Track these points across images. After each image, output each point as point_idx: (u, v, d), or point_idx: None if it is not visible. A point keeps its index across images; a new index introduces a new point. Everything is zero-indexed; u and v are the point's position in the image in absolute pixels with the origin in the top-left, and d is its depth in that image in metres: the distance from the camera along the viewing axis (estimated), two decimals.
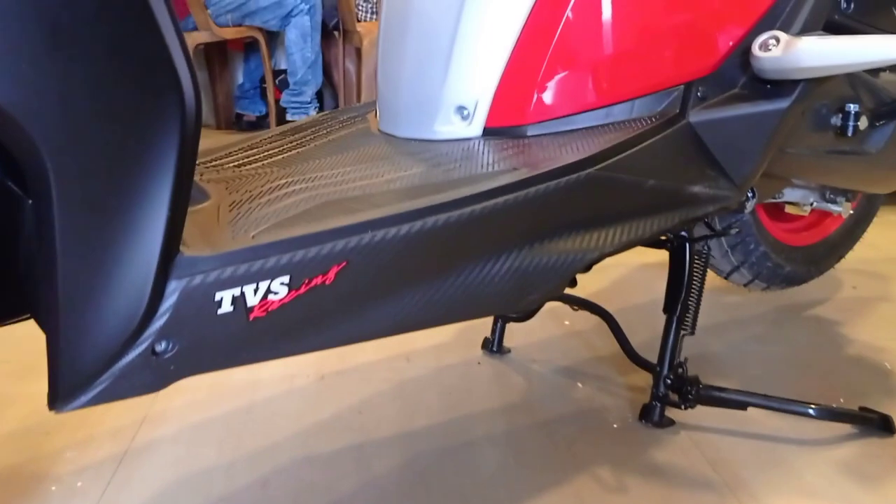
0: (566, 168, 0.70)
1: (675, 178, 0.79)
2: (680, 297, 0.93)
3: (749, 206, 0.88)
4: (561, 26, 0.78)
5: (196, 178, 0.81)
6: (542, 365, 1.14)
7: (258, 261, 0.59)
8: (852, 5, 0.92)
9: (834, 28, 0.90)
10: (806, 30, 0.85)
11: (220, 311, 0.58)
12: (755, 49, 0.80)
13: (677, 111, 0.81)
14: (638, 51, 0.80)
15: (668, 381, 0.94)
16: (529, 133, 0.81)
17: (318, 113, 3.45)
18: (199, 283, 0.57)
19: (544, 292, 0.72)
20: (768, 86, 0.82)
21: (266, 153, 0.88)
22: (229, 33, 3.33)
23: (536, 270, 0.70)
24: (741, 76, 0.84)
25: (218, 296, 0.58)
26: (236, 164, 0.85)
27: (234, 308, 0.58)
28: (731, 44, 0.82)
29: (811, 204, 1.16)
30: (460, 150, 0.80)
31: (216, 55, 3.71)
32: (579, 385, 1.08)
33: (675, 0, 0.79)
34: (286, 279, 0.60)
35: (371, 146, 0.86)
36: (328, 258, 0.61)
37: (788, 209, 1.19)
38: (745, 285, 1.29)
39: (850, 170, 1.00)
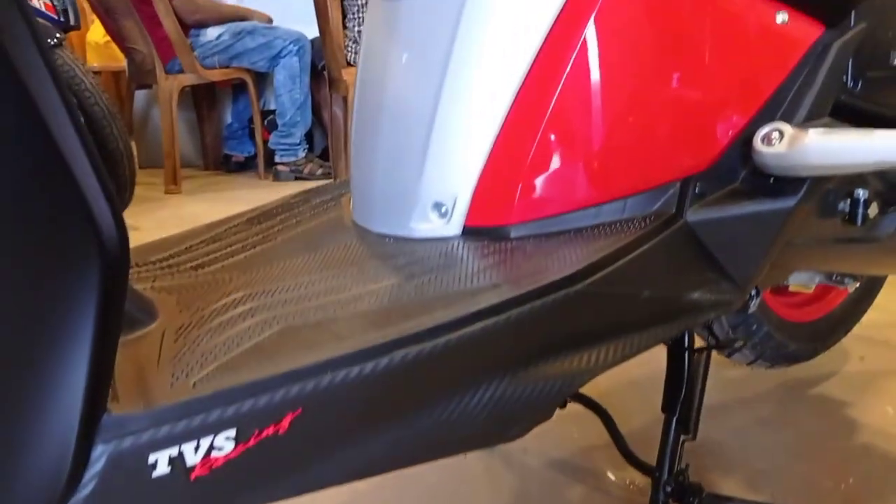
0: (553, 285, 0.63)
1: (673, 285, 0.72)
2: (680, 398, 0.86)
3: (753, 304, 0.81)
4: (546, 119, 0.72)
5: (149, 284, 0.74)
6: (535, 457, 1.07)
7: (199, 415, 0.51)
8: (860, 84, 0.86)
9: (842, 109, 0.84)
10: (812, 117, 0.78)
11: (154, 475, 0.50)
12: (757, 143, 0.74)
13: (673, 210, 0.74)
14: (630, 145, 0.73)
15: (668, 490, 0.87)
16: (513, 235, 0.74)
17: (306, 155, 3.40)
18: (129, 445, 0.49)
19: (529, 424, 0.64)
20: (771, 180, 0.76)
21: (228, 251, 0.81)
22: (216, 75, 3.28)
23: (519, 401, 0.63)
24: (742, 169, 0.77)
25: (152, 458, 0.50)
26: (194, 264, 0.78)
27: (171, 469, 0.51)
28: (730, 135, 0.75)
29: (816, 282, 1.09)
30: (437, 253, 0.73)
31: (204, 95, 3.66)
32: (575, 483, 1.01)
33: (670, 90, 0.72)
34: (232, 433, 0.52)
35: (341, 245, 0.79)
36: (281, 406, 0.54)
37: (791, 286, 1.12)
38: (748, 364, 1.21)
39: (859, 257, 0.93)
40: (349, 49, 3.24)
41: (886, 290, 1.35)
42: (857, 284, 1.15)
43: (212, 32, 3.23)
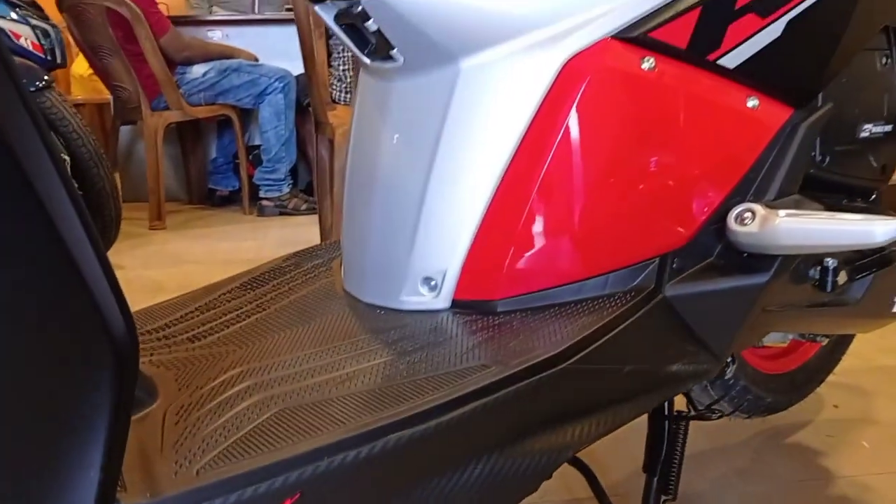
0: (539, 365, 0.66)
1: (654, 359, 0.75)
2: (660, 459, 0.89)
3: (729, 371, 0.85)
4: (531, 198, 0.75)
5: (147, 358, 0.76)
6: None
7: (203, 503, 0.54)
8: (827, 158, 0.90)
9: (812, 182, 0.88)
10: (783, 194, 0.82)
11: None
12: (731, 222, 0.77)
13: (653, 286, 0.77)
14: (611, 223, 0.77)
15: None
16: (499, 309, 0.77)
17: (290, 190, 3.42)
18: None
19: (517, 497, 0.67)
20: (745, 255, 0.80)
21: (223, 320, 0.84)
22: (202, 112, 3.31)
23: (508, 476, 0.65)
24: (717, 244, 0.81)
25: None
26: (190, 335, 0.81)
27: None
28: (706, 213, 0.79)
29: (789, 339, 1.13)
30: (427, 328, 0.76)
31: (189, 130, 3.68)
32: None
33: (649, 171, 0.76)
34: None
35: (334, 316, 0.81)
36: (281, 491, 0.56)
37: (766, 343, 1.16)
38: (726, 416, 1.24)
39: (830, 320, 0.97)
40: (334, 87, 3.28)
41: (860, 336, 1.39)
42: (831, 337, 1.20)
43: (198, 70, 3.26)
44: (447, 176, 0.77)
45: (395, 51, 0.77)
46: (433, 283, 0.79)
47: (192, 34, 3.47)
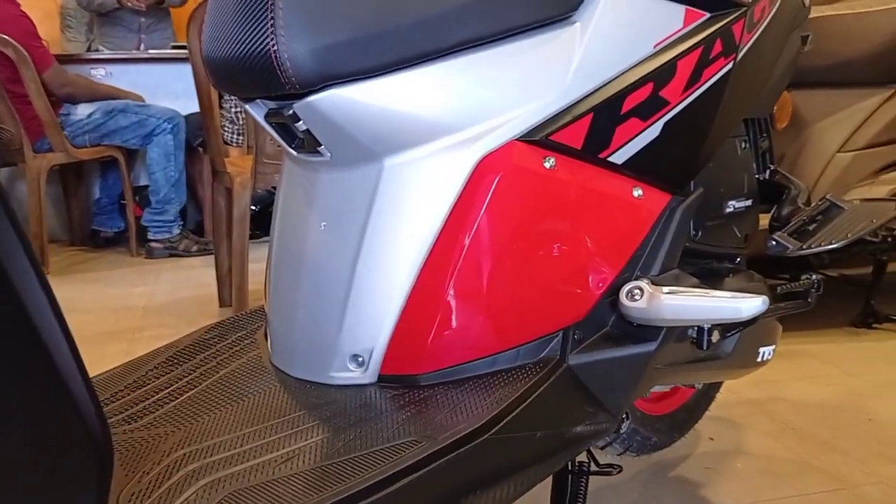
0: (465, 438, 0.74)
1: (561, 423, 0.84)
2: None
3: (624, 426, 0.96)
4: (450, 282, 0.83)
5: None
6: None
7: None
8: (700, 232, 1.04)
9: (687, 253, 1.01)
10: (665, 268, 0.94)
11: None
12: (623, 298, 0.89)
13: (558, 356, 0.87)
14: (519, 302, 0.86)
15: None
16: (423, 382, 0.85)
17: (181, 231, 3.38)
18: None
19: None
20: (635, 325, 0.91)
21: (155, 400, 0.87)
22: (87, 154, 3.24)
23: None
24: (611, 315, 0.92)
25: None
26: (125, 417, 0.84)
27: None
28: (601, 289, 0.90)
29: (671, 386, 1.26)
30: (358, 403, 0.82)
31: (71, 169, 3.58)
32: None
33: (551, 256, 0.86)
34: None
35: (266, 392, 0.86)
36: None
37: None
38: (618, 455, 1.37)
39: (706, 371, 1.11)
40: (226, 129, 3.29)
41: None
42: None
43: (82, 111, 3.19)
44: (373, 263, 0.84)
45: (322, 147, 0.84)
46: (361, 359, 0.86)
47: (74, 72, 3.39)
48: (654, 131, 0.90)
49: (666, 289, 0.88)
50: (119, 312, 2.56)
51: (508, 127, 0.83)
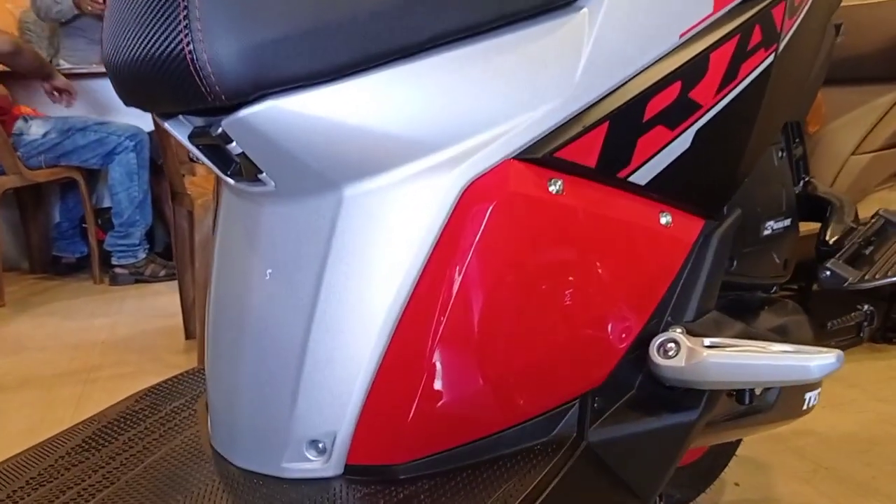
0: None
1: None
2: None
3: None
4: (433, 345, 0.64)
5: None
6: None
7: None
8: (735, 262, 0.85)
9: (723, 287, 0.83)
10: (701, 312, 0.76)
11: None
12: (654, 354, 0.70)
13: (574, 433, 0.68)
14: (526, 366, 0.67)
15: None
16: (402, 475, 0.66)
17: (147, 255, 3.17)
18: None
19: None
20: (667, 387, 0.72)
21: (62, 502, 0.68)
22: (42, 175, 3.03)
23: None
24: (637, 375, 0.73)
25: None
26: None
27: None
28: (625, 343, 0.71)
29: None
30: (318, 501, 0.63)
31: (29, 192, 3.36)
32: None
33: (563, 304, 0.67)
34: None
35: (202, 492, 0.67)
36: None
37: None
38: None
39: (745, 428, 0.92)
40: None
41: None
42: None
43: (36, 130, 2.98)
44: (332, 321, 0.65)
45: (263, 175, 0.65)
46: (321, 446, 0.67)
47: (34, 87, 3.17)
48: (683, 142, 0.72)
49: (707, 341, 0.69)
50: (76, 349, 2.35)
51: (502, 142, 0.65)
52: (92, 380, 2.07)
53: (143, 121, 3.19)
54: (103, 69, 3.09)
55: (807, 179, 1.06)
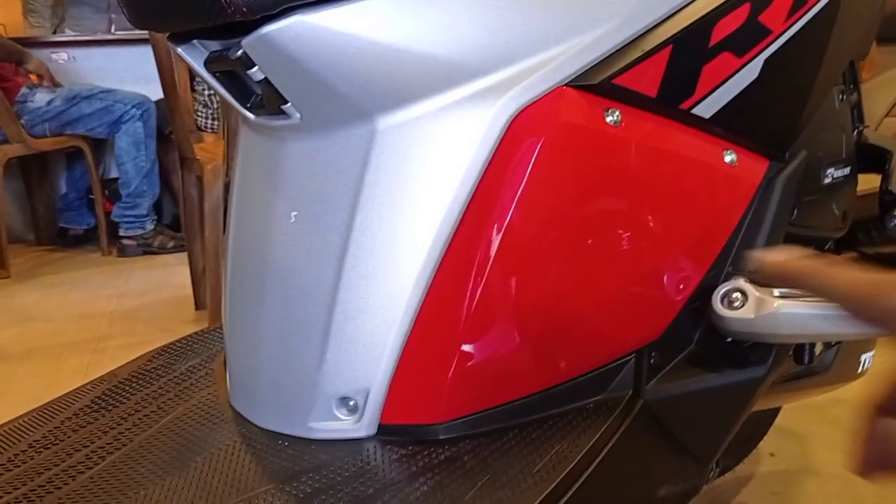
0: None
1: (639, 486, 0.60)
2: None
3: (712, 477, 0.71)
4: (476, 293, 0.58)
5: None
6: None
7: None
8: (795, 212, 0.79)
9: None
10: None
11: None
12: (717, 304, 0.63)
13: (630, 391, 0.62)
14: (578, 317, 0.61)
15: None
16: (442, 435, 0.60)
17: (155, 226, 3.11)
18: None
19: None
20: (730, 342, 0.66)
21: (67, 465, 0.62)
22: (47, 144, 2.96)
23: None
24: (696, 329, 0.67)
25: None
26: (21, 495, 0.59)
27: None
28: (684, 293, 0.65)
29: None
30: (350, 468, 0.57)
31: (34, 163, 3.30)
32: None
33: (620, 249, 0.61)
34: None
35: (221, 455, 0.61)
36: None
37: None
38: None
39: (799, 391, 0.86)
40: (199, 114, 3.01)
41: None
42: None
43: (41, 98, 2.91)
44: (364, 267, 0.59)
45: (288, 105, 0.58)
46: (352, 403, 0.61)
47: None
48: (751, 71, 0.65)
49: (777, 291, 0.63)
50: (84, 319, 2.29)
51: (555, 67, 0.58)
52: (100, 349, 2.02)
53: (150, 89, 3.12)
54: (108, 37, 3.00)
55: (861, 128, 0.99)
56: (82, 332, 2.18)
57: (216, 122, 3.02)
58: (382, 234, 0.59)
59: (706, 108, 0.63)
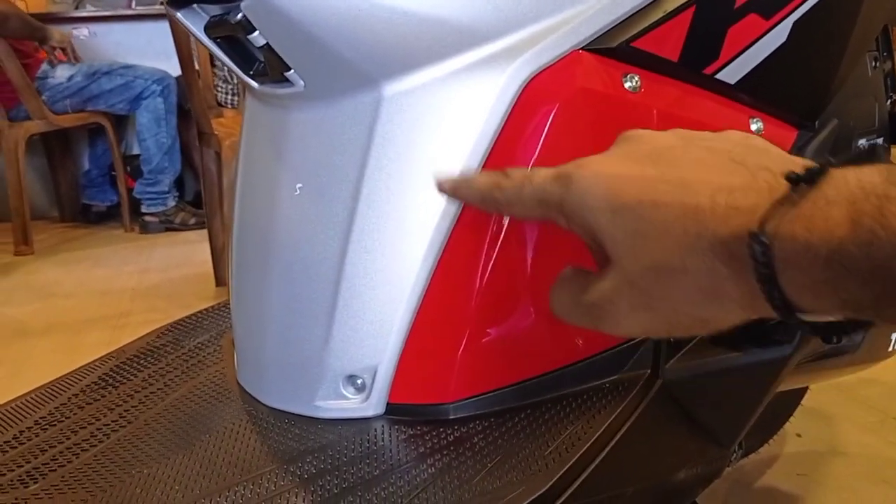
0: None
1: (658, 470, 0.57)
2: None
3: (735, 459, 0.69)
4: (488, 267, 0.56)
5: None
6: None
7: None
8: None
9: None
10: None
11: None
12: None
13: (649, 370, 0.59)
14: None
15: None
16: (452, 415, 0.58)
17: (176, 203, 3.11)
18: None
19: None
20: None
21: (71, 442, 0.61)
22: (69, 121, 2.96)
23: None
24: None
25: None
26: (23, 473, 0.58)
27: None
28: None
29: None
30: (357, 448, 0.55)
31: (56, 140, 3.32)
32: None
33: None
34: None
35: (227, 433, 0.60)
36: None
37: None
38: None
39: (826, 371, 0.83)
40: (219, 89, 3.00)
41: None
42: None
43: (62, 74, 2.91)
44: (372, 240, 0.57)
45: (291, 72, 0.56)
46: (360, 382, 0.59)
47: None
48: (779, 35, 0.61)
49: None
50: (106, 295, 2.31)
51: (570, 30, 0.55)
52: (121, 325, 2.03)
53: (171, 64, 3.11)
54: (128, 13, 2.98)
55: (895, 97, 0.94)
56: (104, 308, 2.19)
57: (236, 98, 3.01)
58: (390, 207, 0.56)
59: (731, 74, 0.60)
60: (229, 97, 3.03)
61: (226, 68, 2.93)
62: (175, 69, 3.03)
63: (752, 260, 0.35)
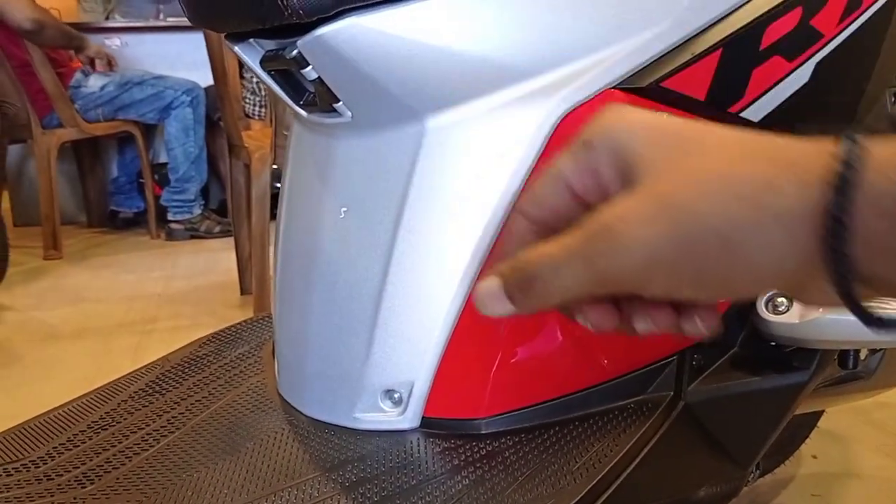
0: None
1: (679, 487, 0.60)
2: None
3: (752, 479, 0.71)
4: None
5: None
6: None
7: None
8: None
9: None
10: None
11: None
12: (762, 309, 0.63)
13: (672, 392, 0.63)
14: None
15: None
16: (484, 430, 0.61)
17: (202, 211, 3.17)
18: None
19: None
20: (773, 345, 0.66)
21: (122, 447, 0.65)
22: (100, 129, 3.03)
23: None
24: (740, 331, 0.67)
25: None
26: (79, 474, 0.62)
27: None
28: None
29: None
30: (393, 460, 0.59)
31: (86, 147, 3.38)
32: None
33: None
34: None
35: (271, 442, 0.63)
36: None
37: None
38: None
39: (842, 396, 0.85)
40: (247, 101, 3.06)
41: None
42: None
43: (94, 83, 2.98)
44: (411, 263, 0.60)
45: (339, 104, 0.60)
46: (397, 396, 0.63)
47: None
48: (802, 76, 0.65)
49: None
50: (133, 301, 2.36)
51: (603, 70, 0.58)
52: (148, 331, 2.07)
53: (199, 75, 3.17)
54: (159, 24, 3.02)
55: None
56: (131, 313, 2.24)
57: (263, 110, 3.06)
58: (429, 232, 0.60)
59: (755, 112, 0.63)
60: (257, 108, 3.09)
61: (254, 80, 3.00)
62: (203, 80, 3.10)
63: (832, 188, 0.27)
